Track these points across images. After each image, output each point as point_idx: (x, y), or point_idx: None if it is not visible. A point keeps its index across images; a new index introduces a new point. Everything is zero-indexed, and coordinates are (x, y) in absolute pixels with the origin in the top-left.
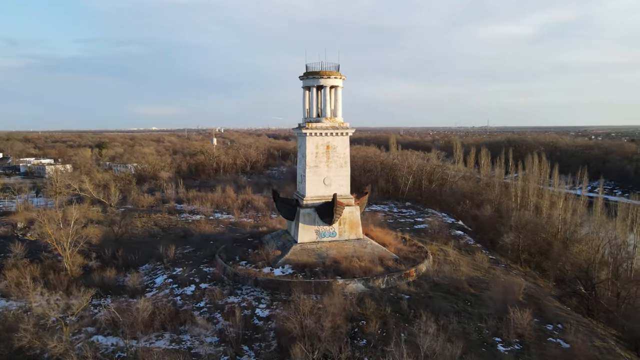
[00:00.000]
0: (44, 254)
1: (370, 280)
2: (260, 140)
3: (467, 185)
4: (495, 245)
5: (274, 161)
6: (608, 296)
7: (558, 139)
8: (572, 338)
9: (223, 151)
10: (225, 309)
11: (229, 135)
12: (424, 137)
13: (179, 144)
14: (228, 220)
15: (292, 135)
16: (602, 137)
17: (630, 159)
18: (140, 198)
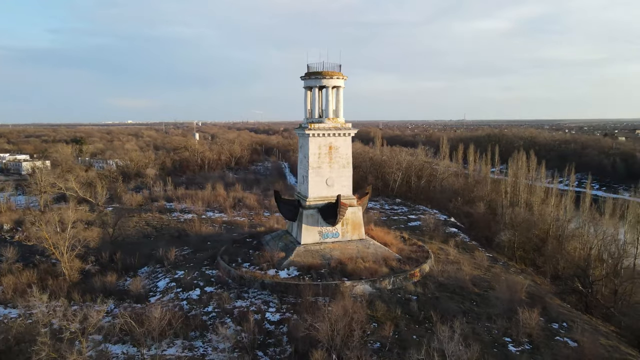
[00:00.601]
0: (37, 257)
1: (377, 281)
2: (242, 135)
3: (457, 182)
4: (492, 242)
5: (258, 156)
6: (604, 293)
7: (537, 134)
8: (578, 337)
9: (207, 147)
10: (235, 314)
11: (208, 130)
12: (403, 131)
13: (159, 138)
14: (221, 219)
15: (273, 129)
16: (576, 130)
17: (607, 154)
18: (129, 197)
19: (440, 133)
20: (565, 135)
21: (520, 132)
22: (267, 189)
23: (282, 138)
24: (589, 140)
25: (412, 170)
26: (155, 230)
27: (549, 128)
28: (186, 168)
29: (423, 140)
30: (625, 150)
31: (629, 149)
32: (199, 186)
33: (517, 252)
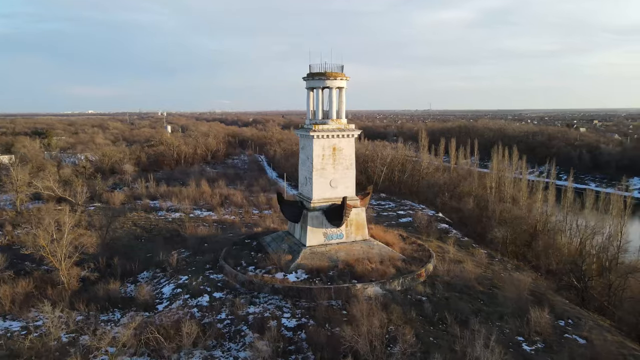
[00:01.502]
0: (28, 264)
1: (386, 283)
2: (214, 127)
3: (442, 177)
4: (484, 238)
5: (234, 150)
6: (597, 287)
7: (506, 126)
8: (586, 334)
9: (182, 141)
10: (250, 320)
11: (176, 121)
12: (373, 122)
13: (126, 131)
14: (211, 218)
15: (242, 120)
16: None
17: (573, 145)
18: (109, 195)
19: (411, 124)
20: (533, 127)
21: (490, 124)
22: (250, 184)
23: (257, 130)
24: (556, 131)
25: (395, 164)
26: (146, 232)
27: (511, 118)
28: (162, 163)
29: (395, 132)
30: (590, 142)
31: (594, 141)
32: (181, 182)
33: (509, 248)
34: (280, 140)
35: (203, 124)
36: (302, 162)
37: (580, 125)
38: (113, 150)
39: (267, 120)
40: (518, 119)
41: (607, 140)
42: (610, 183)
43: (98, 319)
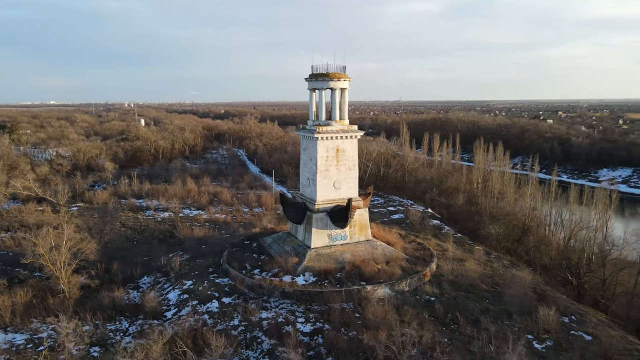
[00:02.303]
0: (20, 271)
1: (395, 284)
2: (187, 120)
3: (429, 172)
4: (478, 235)
5: (211, 144)
6: (591, 282)
7: (479, 118)
8: (591, 330)
9: (160, 135)
10: (264, 326)
11: (146, 113)
12: None
13: (95, 124)
14: (201, 217)
15: (213, 111)
16: (505, 112)
17: (545, 138)
18: (94, 195)
19: (385, 116)
20: (505, 119)
21: (463, 117)
22: (236, 181)
23: (233, 124)
24: (528, 124)
25: (381, 160)
26: (137, 233)
27: (480, 109)
28: (140, 159)
29: (370, 125)
30: (560, 134)
31: (564, 133)
32: (163, 179)
33: (501, 244)
34: (259, 135)
35: (176, 117)
36: (303, 163)
37: (546, 116)
38: (88, 146)
39: (243, 113)
40: (487, 110)
41: (577, 132)
42: (581, 174)
43: (106, 329)
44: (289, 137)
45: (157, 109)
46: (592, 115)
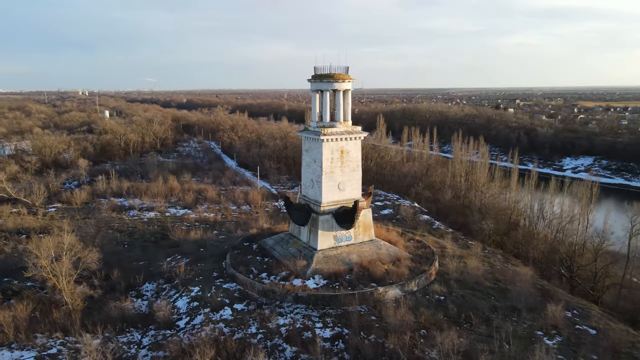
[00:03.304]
0: (14, 282)
1: (405, 285)
2: (151, 110)
3: (413, 166)
4: (472, 230)
5: (181, 136)
6: (583, 275)
7: (448, 109)
8: (595, 324)
9: (130, 128)
10: (283, 333)
11: (106, 103)
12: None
13: (55, 115)
14: (189, 216)
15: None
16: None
17: (512, 128)
18: (71, 194)
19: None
20: (472, 109)
21: (432, 107)
22: (217, 177)
23: (203, 115)
24: (495, 114)
25: (363, 153)
26: (127, 236)
27: (441, 97)
28: (110, 154)
29: None
30: (525, 124)
31: (529, 124)
32: (140, 176)
33: (492, 238)
34: (232, 127)
35: (139, 107)
36: (306, 165)
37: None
38: (54, 140)
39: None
40: (448, 98)
41: (541, 123)
42: (546, 163)
43: (118, 342)
44: (263, 129)
45: (115, 98)
46: (549, 104)
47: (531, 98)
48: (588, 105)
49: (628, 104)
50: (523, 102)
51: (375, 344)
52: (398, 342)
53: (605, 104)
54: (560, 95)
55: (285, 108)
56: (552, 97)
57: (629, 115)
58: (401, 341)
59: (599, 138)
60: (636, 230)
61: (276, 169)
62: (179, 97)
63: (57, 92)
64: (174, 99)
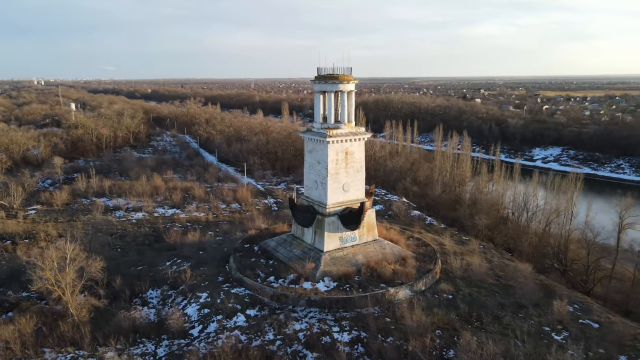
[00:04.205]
0: (9, 294)
1: (413, 285)
2: (117, 101)
3: (399, 160)
4: (465, 226)
5: (153, 129)
6: (575, 268)
7: (420, 100)
8: (596, 318)
9: (102, 122)
10: (301, 339)
11: (67, 94)
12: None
13: (14, 108)
14: (179, 217)
15: (140, 90)
16: (432, 90)
17: (483, 119)
18: (51, 195)
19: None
20: (445, 101)
21: (404, 98)
22: (200, 173)
23: (175, 107)
24: (465, 105)
25: None
26: (117, 239)
27: (408, 87)
28: (82, 150)
29: (311, 106)
30: (496, 116)
31: (500, 115)
32: (119, 173)
33: (483, 233)
34: (208, 121)
35: (103, 98)
36: (309, 166)
37: (470, 94)
38: (22, 136)
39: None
40: (415, 87)
41: (511, 114)
42: (517, 154)
43: (131, 354)
44: (240, 123)
45: (75, 89)
46: (512, 94)
47: (494, 88)
48: (549, 95)
49: (586, 94)
50: (488, 92)
51: (397, 347)
52: (419, 345)
53: (565, 93)
54: (521, 84)
55: (256, 99)
56: (514, 86)
57: (590, 106)
58: (422, 343)
59: (567, 129)
60: (626, 224)
61: (260, 165)
62: (143, 87)
63: (11, 82)
64: (138, 89)
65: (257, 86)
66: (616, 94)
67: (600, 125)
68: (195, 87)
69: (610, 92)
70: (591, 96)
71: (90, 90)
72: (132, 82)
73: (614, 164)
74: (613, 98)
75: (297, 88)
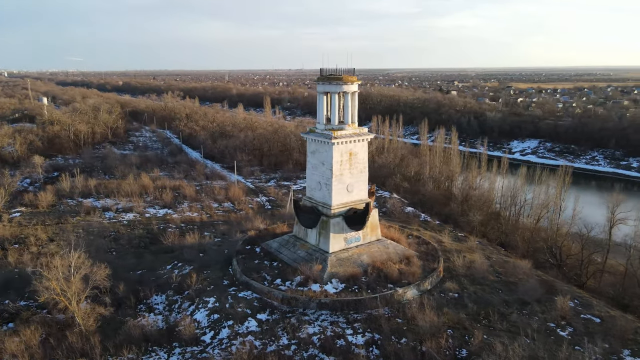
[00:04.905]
0: (6, 303)
1: (420, 284)
2: (90, 95)
3: (387, 156)
4: (460, 222)
5: (131, 125)
6: (569, 262)
7: (400, 93)
8: (597, 312)
9: (78, 118)
10: (316, 342)
11: (36, 87)
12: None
13: None
14: (172, 217)
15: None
16: (407, 82)
17: (462, 112)
18: (35, 196)
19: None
20: (424, 94)
21: (383, 91)
22: (186, 171)
23: (152, 102)
24: (445, 99)
25: None
26: (112, 242)
27: (382, 79)
28: (59, 147)
29: (289, 99)
30: (474, 109)
31: (478, 108)
32: (102, 171)
33: (477, 228)
34: (189, 116)
35: (74, 91)
36: (313, 167)
37: (444, 86)
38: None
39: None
40: (389, 79)
41: (489, 107)
42: (496, 146)
43: None
44: (223, 118)
45: (43, 81)
46: (485, 86)
47: (467, 79)
48: (521, 87)
49: (557, 86)
50: (461, 83)
51: (413, 349)
52: (434, 346)
53: (536, 85)
54: (493, 76)
55: (233, 92)
56: (486, 78)
57: (562, 98)
58: (437, 344)
59: (543, 122)
60: (618, 219)
61: (248, 161)
62: (114, 80)
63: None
64: (109, 81)
65: (231, 78)
66: (584, 86)
67: (574, 118)
68: (168, 79)
69: (578, 84)
70: (561, 88)
71: (59, 82)
72: (102, 74)
73: (589, 155)
74: (582, 90)
75: (273, 80)
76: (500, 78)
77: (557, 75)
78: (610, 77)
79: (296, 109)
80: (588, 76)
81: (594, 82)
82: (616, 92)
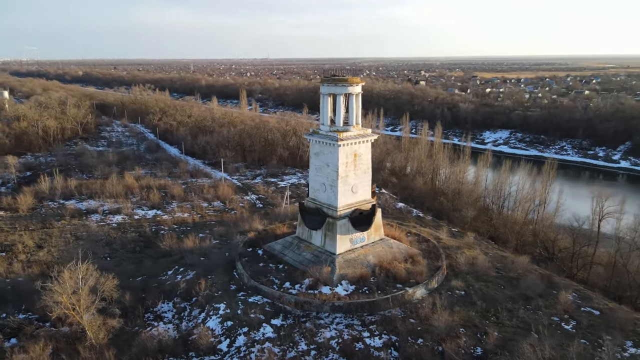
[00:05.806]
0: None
1: (428, 283)
2: (51, 87)
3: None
4: (453, 218)
5: (99, 118)
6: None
7: (372, 85)
8: (596, 305)
9: (46, 113)
10: (335, 347)
11: None
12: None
13: None
14: (162, 218)
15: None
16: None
17: (435, 103)
18: (13, 199)
19: (272, 80)
20: (396, 86)
21: None
22: (169, 169)
23: (121, 95)
24: (417, 90)
25: None
26: (105, 246)
27: (349, 68)
28: (27, 144)
29: (260, 90)
30: (446, 100)
31: (450, 99)
32: (79, 170)
33: (470, 223)
34: (163, 110)
35: (33, 82)
36: (316, 169)
37: (411, 75)
38: None
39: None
40: (358, 69)
41: (462, 98)
42: (468, 137)
43: None
44: (201, 111)
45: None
46: (451, 75)
47: (433, 69)
48: (486, 76)
49: (519, 75)
50: (428, 73)
51: (431, 349)
52: (453, 346)
53: (500, 75)
54: (457, 66)
55: (202, 83)
56: (451, 67)
57: (527, 88)
58: (456, 344)
59: (513, 112)
60: (606, 213)
61: (232, 158)
62: (73, 70)
63: None
64: (68, 71)
65: (197, 68)
66: (545, 75)
67: (542, 108)
68: (130, 69)
69: (539, 74)
70: (524, 78)
71: (12, 72)
72: (58, 62)
73: (558, 145)
74: (544, 79)
75: (239, 70)
76: (464, 67)
77: (518, 65)
78: (568, 67)
79: (268, 100)
80: (547, 65)
81: (553, 72)
82: (576, 81)
